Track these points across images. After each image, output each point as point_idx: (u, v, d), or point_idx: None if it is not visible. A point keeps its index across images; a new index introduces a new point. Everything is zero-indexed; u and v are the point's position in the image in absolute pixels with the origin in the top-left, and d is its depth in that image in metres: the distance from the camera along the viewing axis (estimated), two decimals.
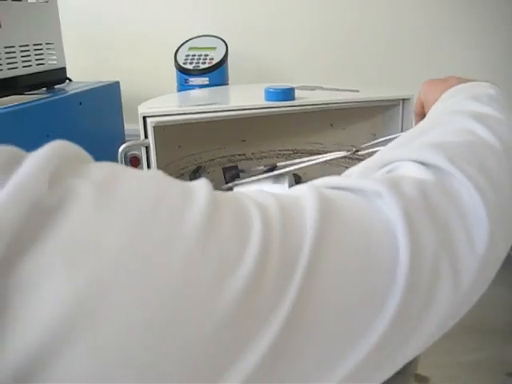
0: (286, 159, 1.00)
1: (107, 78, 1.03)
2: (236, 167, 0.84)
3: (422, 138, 0.40)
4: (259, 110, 0.77)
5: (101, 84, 1.00)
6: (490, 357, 0.75)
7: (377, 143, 0.76)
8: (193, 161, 0.95)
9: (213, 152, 0.97)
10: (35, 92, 0.90)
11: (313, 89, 0.89)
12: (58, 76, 0.94)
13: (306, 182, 0.87)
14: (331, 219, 0.28)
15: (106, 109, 0.98)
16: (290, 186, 0.78)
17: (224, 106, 0.76)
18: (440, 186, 0.32)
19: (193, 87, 0.96)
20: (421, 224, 0.30)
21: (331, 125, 0.97)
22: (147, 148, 0.74)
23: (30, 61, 0.86)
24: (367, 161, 0.39)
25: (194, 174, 0.78)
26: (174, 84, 0.98)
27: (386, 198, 0.30)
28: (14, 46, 0.83)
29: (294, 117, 0.97)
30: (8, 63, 0.81)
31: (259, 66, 1.14)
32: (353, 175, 0.38)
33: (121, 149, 0.74)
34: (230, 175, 0.83)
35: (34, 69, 0.88)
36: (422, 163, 0.35)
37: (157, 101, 0.83)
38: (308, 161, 0.76)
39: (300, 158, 1.01)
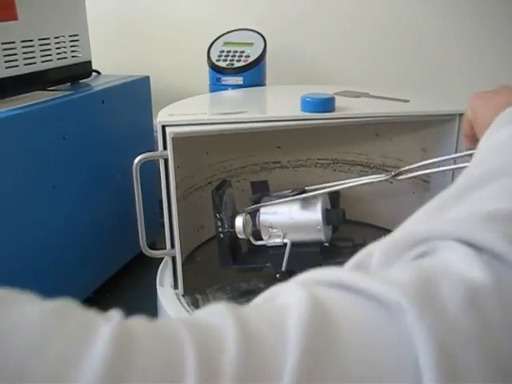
0: (325, 169, 0.91)
1: (137, 72, 0.96)
2: (266, 183, 0.76)
3: (473, 197, 0.30)
4: (293, 122, 0.68)
5: (129, 79, 0.93)
6: None
7: (421, 166, 0.66)
8: (222, 168, 0.87)
9: (244, 159, 0.89)
10: (57, 88, 0.84)
11: (358, 96, 0.79)
12: (82, 70, 0.88)
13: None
14: (324, 350, 0.20)
15: (133, 106, 0.91)
16: (324, 208, 0.69)
17: (253, 117, 0.68)
18: (500, 295, 0.22)
19: (225, 87, 0.87)
20: (466, 363, 0.21)
21: (377, 135, 0.87)
22: (166, 160, 0.67)
23: (50, 55, 0.80)
24: (394, 234, 0.29)
25: (217, 191, 0.70)
26: (207, 82, 0.90)
27: (409, 314, 0.21)
28: (32, 40, 0.76)
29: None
30: (25, 58, 0.75)
31: (301, 65, 1.05)
32: (373, 257, 0.28)
33: (136, 160, 0.67)
34: (257, 191, 0.75)
35: (55, 63, 0.81)
36: (473, 245, 0.25)
37: (180, 105, 0.75)
38: (340, 184, 0.66)
39: (340, 168, 0.92)
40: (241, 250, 0.75)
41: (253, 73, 0.87)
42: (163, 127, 0.66)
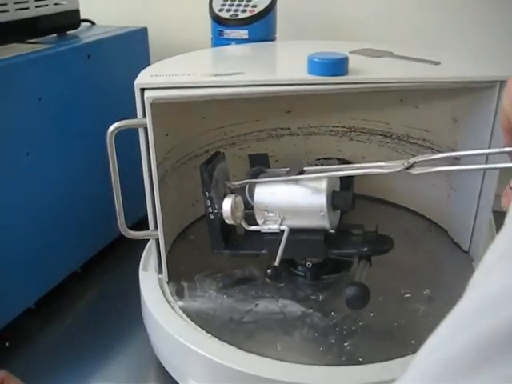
0: (341, 138, 0.80)
1: (136, 24, 0.85)
2: (265, 156, 0.66)
3: None
4: (296, 86, 0.57)
5: (123, 31, 0.82)
6: None
7: (442, 159, 0.54)
8: (221, 135, 0.77)
9: (249, 124, 0.79)
10: (38, 41, 0.74)
11: (379, 55, 0.67)
12: (68, 20, 0.78)
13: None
14: None
15: (125, 62, 0.81)
16: (331, 190, 0.58)
17: (247, 80, 0.57)
18: None
19: (228, 41, 0.76)
20: None
21: (401, 100, 0.75)
22: (145, 129, 0.57)
23: (26, 2, 0.70)
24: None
25: (206, 166, 0.60)
26: (209, 35, 0.79)
27: None
28: None
29: None
30: None
31: (319, 17, 0.92)
32: None
33: (110, 129, 0.57)
34: (255, 165, 0.64)
35: (33, 12, 0.71)
36: None
37: (166, 64, 0.64)
38: (343, 169, 0.56)
39: (358, 138, 0.80)
40: (235, 233, 0.65)
41: (259, 25, 0.75)
42: (142, 90, 0.56)
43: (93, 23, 0.88)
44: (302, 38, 0.89)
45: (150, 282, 0.64)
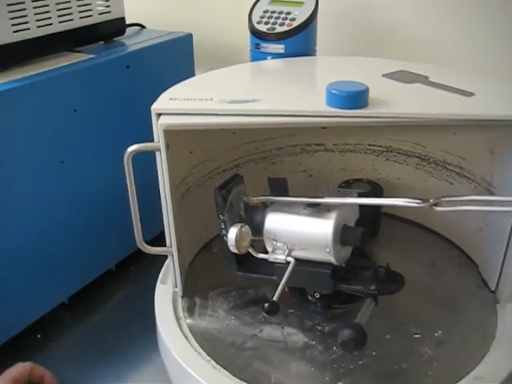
0: (377, 157, 0.78)
1: (181, 28, 0.86)
2: (284, 181, 0.65)
3: None
4: (311, 118, 0.56)
5: (168, 37, 0.83)
6: None
7: (471, 201, 0.51)
8: (252, 149, 0.77)
9: (281, 139, 0.78)
10: (83, 49, 0.77)
11: (411, 80, 0.64)
12: (113, 28, 0.80)
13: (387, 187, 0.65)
14: None
15: (169, 70, 0.82)
16: (341, 224, 0.57)
17: (261, 109, 0.56)
18: None
19: (265, 55, 0.75)
20: None
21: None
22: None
23: (70, 14, 0.73)
24: None
25: (221, 190, 0.60)
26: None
27: None
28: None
29: None
30: (38, 20, 0.69)
31: (365, 30, 0.88)
32: None
33: (127, 152, 0.59)
34: (274, 189, 0.64)
35: (77, 23, 0.74)
36: None
37: (188, 85, 0.65)
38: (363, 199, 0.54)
39: (394, 158, 0.78)
40: (250, 255, 0.66)
41: (297, 40, 0.73)
42: (158, 115, 0.57)
43: (143, 27, 0.90)
44: (347, 50, 0.86)
45: (165, 295, 0.66)
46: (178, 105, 0.58)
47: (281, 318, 0.63)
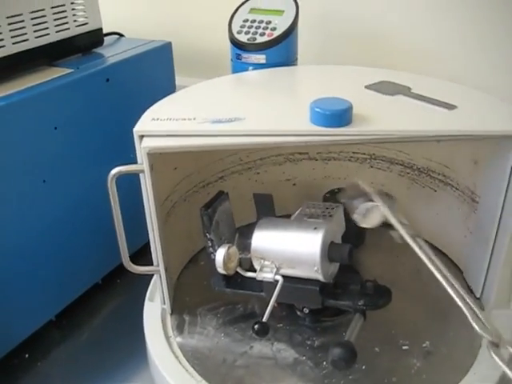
0: (361, 164, 0.78)
1: (161, 36, 0.85)
2: (270, 197, 0.65)
3: None
4: (295, 137, 0.56)
5: (149, 46, 0.82)
6: None
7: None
8: (237, 161, 0.77)
9: (265, 150, 0.78)
10: (64, 61, 0.75)
11: (395, 92, 0.64)
12: (90, 39, 0.78)
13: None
14: None
15: (149, 80, 0.81)
16: (329, 242, 0.57)
17: (245, 130, 0.56)
18: None
19: (246, 66, 0.74)
20: None
21: None
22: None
23: (46, 28, 0.71)
24: None
25: (206, 210, 0.60)
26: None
27: None
28: (21, 15, 0.68)
29: None
30: (13, 36, 0.67)
31: (345, 37, 0.88)
32: None
33: (111, 174, 0.58)
34: (260, 204, 0.64)
35: (53, 37, 0.72)
36: None
37: (170, 103, 0.64)
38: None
39: (378, 165, 0.78)
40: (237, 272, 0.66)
41: (278, 50, 0.73)
42: (140, 137, 0.57)
43: (121, 35, 0.88)
44: (327, 58, 0.86)
45: (154, 312, 0.66)
46: (161, 126, 0.57)
47: (270, 333, 0.62)
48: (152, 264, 0.64)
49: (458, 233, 0.70)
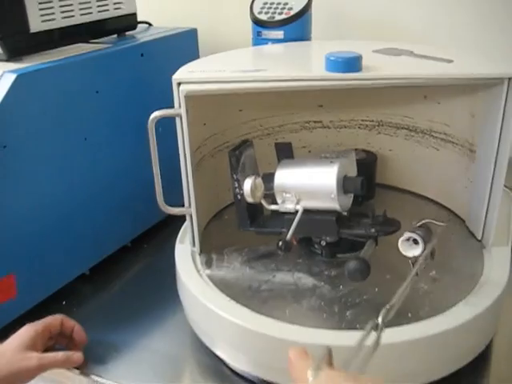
0: (369, 131, 0.86)
1: (185, 24, 0.94)
2: (289, 145, 0.73)
3: None
4: (313, 82, 0.64)
5: (175, 31, 0.92)
6: None
7: None
8: (257, 126, 0.85)
9: (283, 117, 0.86)
10: (100, 41, 0.85)
11: (399, 54, 0.72)
12: (126, 22, 0.88)
13: (382, 161, 0.72)
14: None
15: (177, 60, 0.90)
16: (343, 175, 0.65)
17: (269, 75, 0.64)
18: None
19: (266, 41, 0.84)
20: None
21: (425, 97, 0.80)
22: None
23: (90, 7, 0.81)
24: None
25: (234, 151, 0.68)
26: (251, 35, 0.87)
27: None
28: None
29: None
30: (62, 11, 0.77)
31: (358, 17, 0.97)
32: None
33: (151, 117, 0.66)
34: (280, 152, 0.72)
35: (95, 16, 0.82)
36: None
37: (203, 62, 0.73)
38: None
39: (385, 131, 0.86)
40: (262, 213, 0.73)
41: (294, 26, 0.82)
42: (178, 84, 0.65)
43: (150, 24, 0.98)
44: (340, 37, 0.95)
45: (184, 253, 0.73)
46: (196, 75, 0.66)
47: (290, 266, 0.69)
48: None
49: (459, 185, 0.77)
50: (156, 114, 0.66)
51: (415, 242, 0.62)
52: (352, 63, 0.64)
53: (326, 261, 0.70)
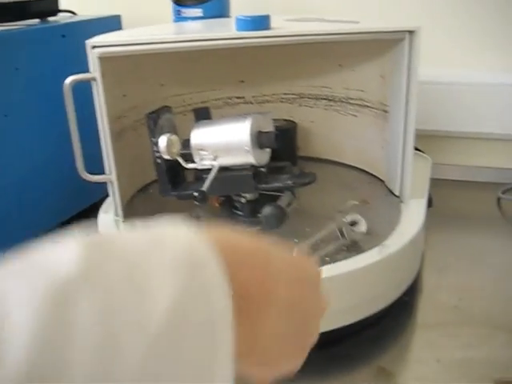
0: (291, 104, 0.88)
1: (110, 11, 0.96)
2: (207, 109, 0.74)
3: None
4: (223, 40, 0.66)
5: (98, 17, 0.93)
6: (481, 358, 0.60)
7: None
8: (180, 102, 0.86)
9: (205, 93, 0.88)
10: (23, 23, 0.85)
11: (310, 21, 0.75)
12: (47, 7, 0.89)
13: (302, 132, 0.75)
14: None
15: None
16: (256, 131, 0.66)
17: (180, 37, 0.66)
18: None
19: (186, 20, 0.86)
20: None
21: (340, 65, 0.83)
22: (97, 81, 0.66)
23: None
24: None
25: (151, 114, 0.69)
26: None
27: None
28: None
29: (298, 56, 0.84)
30: None
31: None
32: None
33: (67, 82, 0.67)
34: (199, 117, 0.73)
35: None
36: None
37: (118, 32, 0.74)
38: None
39: (306, 103, 0.88)
40: (184, 179, 0.74)
41: (213, 4, 0.85)
42: (92, 47, 0.66)
43: (74, 13, 0.99)
44: None
45: (108, 222, 0.73)
46: (110, 38, 0.67)
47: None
48: None
49: (376, 147, 0.80)
50: (72, 78, 0.67)
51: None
52: (260, 21, 0.66)
53: (247, 220, 0.71)
